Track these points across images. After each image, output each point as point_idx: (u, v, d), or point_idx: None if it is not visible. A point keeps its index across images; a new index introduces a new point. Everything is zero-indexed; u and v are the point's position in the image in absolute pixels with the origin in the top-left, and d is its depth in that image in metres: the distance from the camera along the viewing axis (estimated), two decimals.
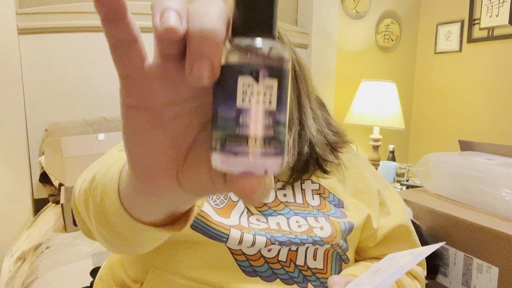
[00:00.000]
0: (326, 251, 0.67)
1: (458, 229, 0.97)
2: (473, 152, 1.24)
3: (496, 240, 0.87)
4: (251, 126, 0.23)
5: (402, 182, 1.96)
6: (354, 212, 0.71)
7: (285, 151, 0.25)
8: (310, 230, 0.66)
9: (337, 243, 0.66)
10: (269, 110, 0.23)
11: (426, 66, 2.59)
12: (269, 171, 0.24)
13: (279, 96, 0.23)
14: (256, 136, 0.23)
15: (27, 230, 1.43)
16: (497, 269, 0.87)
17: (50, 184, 1.45)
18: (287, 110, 0.24)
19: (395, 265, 0.50)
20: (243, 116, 0.23)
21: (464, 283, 0.95)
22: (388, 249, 0.75)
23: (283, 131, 0.24)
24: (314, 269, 0.66)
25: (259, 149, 0.23)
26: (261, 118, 0.23)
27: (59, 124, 1.55)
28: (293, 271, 0.65)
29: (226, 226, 0.62)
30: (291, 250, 0.66)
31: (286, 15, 2.22)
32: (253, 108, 0.23)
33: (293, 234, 0.65)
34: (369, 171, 0.81)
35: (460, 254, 0.96)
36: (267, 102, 0.23)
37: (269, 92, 0.23)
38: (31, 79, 1.56)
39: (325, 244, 0.66)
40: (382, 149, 2.30)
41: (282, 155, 0.24)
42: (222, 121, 0.23)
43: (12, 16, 1.48)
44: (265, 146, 0.23)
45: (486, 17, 2.15)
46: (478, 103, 2.29)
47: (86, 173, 0.54)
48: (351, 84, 2.39)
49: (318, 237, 0.65)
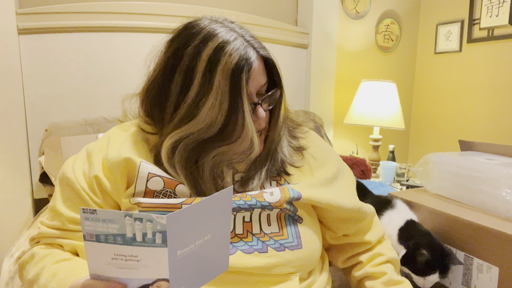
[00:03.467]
0: (278, 214, 0.72)
1: (458, 229, 0.97)
2: (473, 152, 1.24)
3: (496, 240, 0.87)
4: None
5: (402, 182, 1.96)
6: (308, 190, 0.76)
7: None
8: (260, 195, 0.71)
9: (285, 207, 0.72)
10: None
11: (426, 66, 2.60)
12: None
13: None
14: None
15: (27, 230, 1.43)
16: (497, 269, 0.87)
17: (50, 184, 1.45)
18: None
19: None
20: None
21: (464, 283, 0.95)
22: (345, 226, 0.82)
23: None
24: (270, 233, 0.70)
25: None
26: None
27: (59, 124, 1.55)
28: (252, 240, 0.68)
29: (176, 205, 0.66)
30: (245, 222, 0.70)
31: (286, 15, 2.22)
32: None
33: (243, 200, 0.69)
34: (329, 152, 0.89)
35: (460, 254, 0.96)
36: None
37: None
38: (31, 79, 1.56)
39: (274, 209, 0.71)
40: (382, 149, 2.30)
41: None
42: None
43: (12, 16, 1.48)
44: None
45: (486, 17, 2.15)
46: (478, 103, 2.29)
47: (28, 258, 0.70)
48: (351, 84, 2.39)
49: (266, 202, 0.70)
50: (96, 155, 0.74)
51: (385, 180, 1.93)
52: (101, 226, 0.47)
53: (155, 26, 1.70)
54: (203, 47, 0.67)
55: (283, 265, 0.68)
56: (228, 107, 0.67)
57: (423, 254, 0.90)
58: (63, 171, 0.75)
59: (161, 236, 0.46)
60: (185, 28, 0.72)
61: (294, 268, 0.69)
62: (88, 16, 1.60)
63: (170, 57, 0.71)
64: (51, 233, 0.72)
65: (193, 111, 0.68)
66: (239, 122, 0.68)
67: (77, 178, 0.72)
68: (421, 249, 0.90)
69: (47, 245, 0.73)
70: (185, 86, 0.69)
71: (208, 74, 0.67)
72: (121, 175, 0.71)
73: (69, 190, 0.73)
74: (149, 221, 0.46)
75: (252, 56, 0.69)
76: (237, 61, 0.67)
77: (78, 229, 0.71)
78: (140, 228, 0.46)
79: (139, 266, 0.48)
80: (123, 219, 0.46)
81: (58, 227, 0.71)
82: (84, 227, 0.48)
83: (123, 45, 1.67)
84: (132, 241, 0.47)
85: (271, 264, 0.67)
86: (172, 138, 0.69)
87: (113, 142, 0.75)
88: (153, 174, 0.70)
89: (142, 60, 0.77)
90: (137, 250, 0.47)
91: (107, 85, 1.66)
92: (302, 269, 0.71)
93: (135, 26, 1.68)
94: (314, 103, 2.22)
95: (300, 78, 2.21)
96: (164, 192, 0.70)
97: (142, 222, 0.46)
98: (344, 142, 2.46)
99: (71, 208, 0.72)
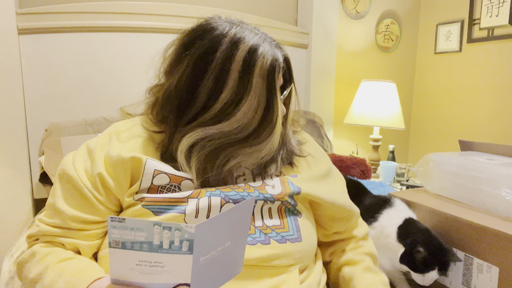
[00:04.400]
0: (279, 208, 0.75)
1: (458, 229, 0.97)
2: (473, 152, 1.24)
3: (496, 240, 0.87)
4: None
5: (402, 182, 1.96)
6: (306, 185, 0.79)
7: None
8: (263, 187, 0.74)
9: (286, 200, 0.75)
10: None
11: (426, 66, 2.60)
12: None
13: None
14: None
15: (27, 230, 1.43)
16: (498, 269, 0.87)
17: (50, 184, 1.45)
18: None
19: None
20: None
21: (464, 283, 0.96)
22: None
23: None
24: (272, 226, 0.72)
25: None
26: None
27: (59, 124, 1.55)
28: (254, 232, 0.70)
29: (182, 199, 0.68)
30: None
31: (286, 15, 2.22)
32: None
33: (246, 192, 0.72)
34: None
35: (460, 254, 0.96)
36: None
37: None
38: (31, 79, 1.56)
39: (275, 201, 0.74)
40: (382, 149, 2.30)
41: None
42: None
43: (12, 16, 1.48)
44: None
45: (486, 17, 2.15)
46: (478, 103, 2.29)
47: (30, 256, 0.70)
48: (351, 84, 2.39)
49: (269, 194, 0.73)
50: (98, 152, 0.73)
51: (385, 180, 1.93)
52: (128, 234, 0.48)
53: (155, 26, 1.70)
54: (235, 51, 0.70)
55: (284, 256, 0.70)
56: (265, 106, 0.71)
57: (419, 251, 0.90)
58: (63, 168, 0.74)
59: (188, 244, 0.47)
60: (204, 31, 0.73)
61: (294, 260, 0.71)
62: (88, 16, 1.60)
63: (197, 62, 0.72)
64: (51, 231, 0.71)
65: (229, 111, 0.71)
66: (273, 120, 0.72)
67: (79, 175, 0.72)
68: (417, 246, 0.91)
69: (47, 243, 0.72)
70: (217, 89, 0.71)
71: (246, 76, 0.70)
72: (125, 173, 0.71)
73: (70, 187, 0.72)
74: (177, 229, 0.47)
75: (280, 57, 0.74)
76: (271, 61, 0.71)
77: (80, 227, 0.71)
78: (168, 236, 0.48)
79: (163, 272, 0.49)
80: (152, 228, 0.48)
81: (59, 225, 0.71)
82: (110, 234, 0.49)
83: (123, 45, 1.67)
84: (158, 248, 0.48)
85: (274, 255, 0.69)
86: (198, 134, 0.71)
87: (115, 140, 0.76)
88: (159, 171, 0.71)
89: (142, 60, 0.77)
90: (163, 257, 0.48)
91: (107, 85, 1.66)
92: (301, 261, 0.73)
93: (135, 26, 1.68)
94: (314, 103, 2.22)
95: (300, 78, 2.21)
96: (168, 187, 0.71)
97: (170, 231, 0.47)
98: (344, 142, 2.46)
99: (73, 205, 0.71)
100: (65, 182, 0.73)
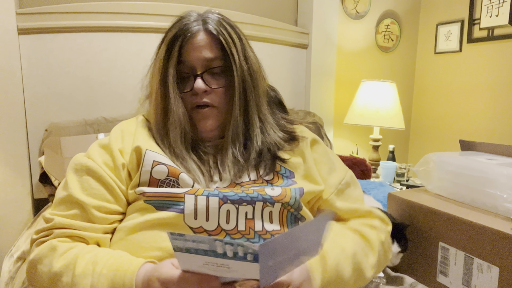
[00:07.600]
0: (281, 212, 0.73)
1: (458, 229, 0.97)
2: (473, 152, 1.24)
3: (496, 240, 0.87)
4: None
5: (402, 182, 1.96)
6: (304, 182, 0.78)
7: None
8: (262, 189, 0.73)
9: (287, 202, 0.72)
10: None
11: (426, 66, 2.59)
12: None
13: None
14: None
15: (27, 230, 1.43)
16: (498, 269, 0.87)
17: (50, 184, 1.45)
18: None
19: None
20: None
21: (464, 283, 0.96)
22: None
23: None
24: (272, 231, 0.71)
25: None
26: None
27: (59, 124, 1.55)
28: (253, 237, 0.70)
29: (179, 194, 0.68)
30: (248, 218, 0.70)
31: (286, 15, 2.22)
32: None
33: (245, 193, 0.70)
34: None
35: (460, 254, 0.96)
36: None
37: None
38: (31, 79, 1.55)
39: (275, 203, 0.71)
40: (382, 149, 2.30)
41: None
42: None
43: (12, 16, 1.48)
44: None
45: (486, 17, 2.15)
46: (478, 103, 2.29)
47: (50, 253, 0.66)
48: (351, 84, 2.39)
49: (268, 195, 0.71)
50: (114, 146, 0.75)
51: (385, 180, 1.93)
52: (191, 244, 0.48)
53: (155, 26, 1.70)
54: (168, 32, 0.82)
55: None
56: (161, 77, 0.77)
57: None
58: (79, 162, 0.74)
59: (253, 256, 0.46)
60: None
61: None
62: (88, 16, 1.60)
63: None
64: (71, 223, 0.68)
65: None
66: (170, 93, 0.75)
67: (101, 166, 0.72)
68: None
69: (66, 237, 0.69)
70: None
71: (157, 50, 0.80)
72: (137, 163, 0.73)
73: (89, 178, 0.71)
74: (240, 246, 0.46)
75: (194, 29, 0.78)
76: (176, 32, 0.80)
77: (104, 217, 0.70)
78: (231, 249, 0.47)
79: (230, 271, 0.50)
80: (214, 242, 0.47)
81: (79, 216, 0.69)
82: (173, 243, 0.49)
83: (123, 45, 1.67)
84: (223, 256, 0.48)
85: None
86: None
87: (127, 134, 0.78)
88: (158, 162, 0.72)
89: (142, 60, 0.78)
90: (228, 261, 0.48)
91: (107, 85, 1.66)
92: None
93: (135, 26, 1.68)
94: (314, 103, 2.22)
95: (300, 78, 2.21)
96: (167, 182, 0.71)
97: (233, 246, 0.47)
98: (344, 142, 2.46)
99: (93, 196, 0.70)
100: (83, 173, 0.72)
